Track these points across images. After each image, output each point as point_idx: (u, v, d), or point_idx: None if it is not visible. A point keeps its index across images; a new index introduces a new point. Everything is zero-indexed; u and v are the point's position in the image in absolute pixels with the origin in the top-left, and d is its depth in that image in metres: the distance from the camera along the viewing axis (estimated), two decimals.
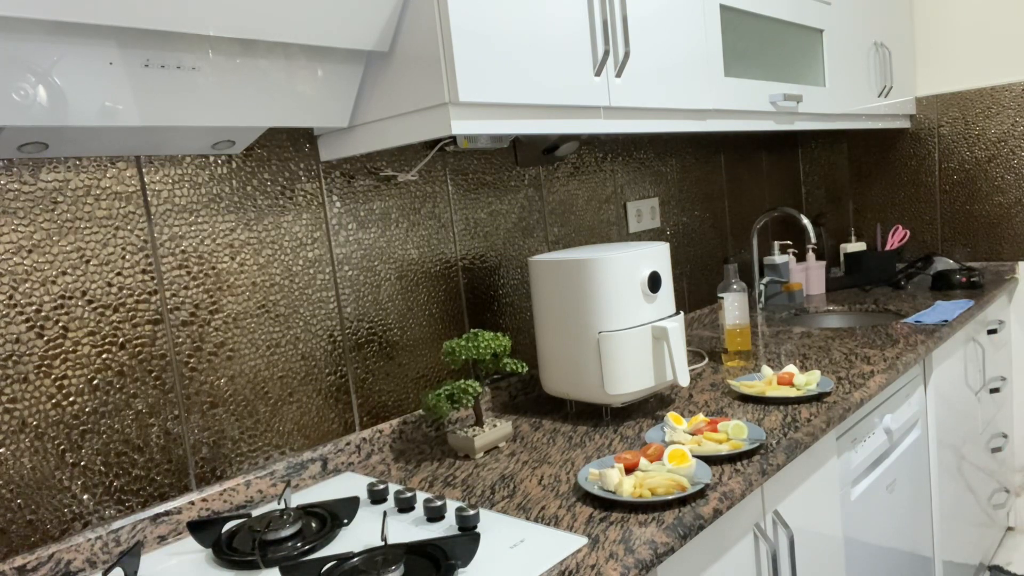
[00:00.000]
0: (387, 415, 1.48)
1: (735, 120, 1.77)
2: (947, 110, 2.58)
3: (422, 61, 1.13)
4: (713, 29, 1.67)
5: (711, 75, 1.66)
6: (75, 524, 1.07)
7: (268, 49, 1.08)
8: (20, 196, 1.03)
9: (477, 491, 1.20)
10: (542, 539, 1.00)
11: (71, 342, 1.07)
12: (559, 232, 1.87)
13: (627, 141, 2.09)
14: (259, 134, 1.23)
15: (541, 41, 1.24)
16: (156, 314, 1.16)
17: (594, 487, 1.11)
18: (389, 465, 1.38)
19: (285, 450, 1.32)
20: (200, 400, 1.21)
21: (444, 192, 1.59)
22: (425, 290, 1.55)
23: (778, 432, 1.31)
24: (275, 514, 1.11)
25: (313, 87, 1.16)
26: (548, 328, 1.52)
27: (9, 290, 1.02)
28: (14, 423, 1.02)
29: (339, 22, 1.09)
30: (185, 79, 1.01)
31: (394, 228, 1.49)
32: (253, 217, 1.28)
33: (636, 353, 1.44)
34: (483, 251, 1.67)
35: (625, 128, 1.45)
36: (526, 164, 1.77)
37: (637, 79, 1.44)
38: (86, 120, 0.94)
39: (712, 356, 1.93)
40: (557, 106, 1.30)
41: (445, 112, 1.12)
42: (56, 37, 0.87)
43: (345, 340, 1.41)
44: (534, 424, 1.52)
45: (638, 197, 2.13)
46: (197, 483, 1.20)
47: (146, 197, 1.15)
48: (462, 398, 1.34)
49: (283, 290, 1.32)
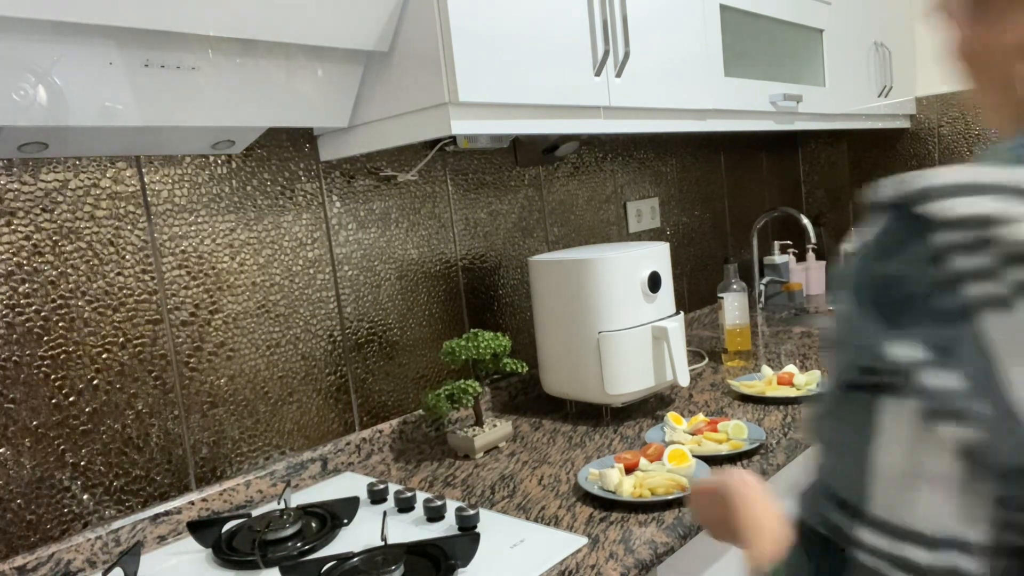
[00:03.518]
0: (387, 415, 1.48)
1: (735, 120, 1.77)
2: (947, 110, 2.58)
3: (422, 61, 1.13)
4: (713, 29, 1.67)
5: (711, 75, 1.66)
6: (75, 524, 1.07)
7: (268, 49, 1.08)
8: (20, 196, 1.03)
9: (477, 491, 1.20)
10: (542, 539, 1.00)
11: (71, 342, 1.07)
12: (559, 232, 1.87)
13: (627, 141, 2.09)
14: (259, 134, 1.23)
15: (541, 41, 1.24)
16: (156, 314, 1.16)
17: (594, 487, 1.11)
18: (389, 465, 1.38)
19: (285, 450, 1.32)
20: (200, 400, 1.21)
21: (444, 192, 1.59)
22: (425, 290, 1.55)
23: (778, 432, 1.31)
24: (275, 514, 1.11)
25: (313, 87, 1.16)
26: (548, 328, 1.52)
27: (9, 290, 1.02)
28: (14, 423, 1.02)
29: (339, 22, 1.09)
30: (185, 79, 1.01)
31: (394, 228, 1.49)
32: (253, 217, 1.28)
33: (636, 353, 1.44)
34: (483, 251, 1.67)
35: (625, 128, 1.45)
36: (526, 164, 1.77)
37: (637, 79, 1.44)
38: (86, 120, 0.94)
39: (712, 356, 1.93)
40: (557, 106, 1.30)
41: (445, 112, 1.12)
42: (56, 37, 0.87)
43: (345, 340, 1.41)
44: (534, 424, 1.52)
45: (638, 197, 2.13)
46: (197, 483, 1.20)
47: (146, 197, 1.15)
48: (462, 398, 1.34)
49: (283, 290, 1.32)
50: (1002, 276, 0.37)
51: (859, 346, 0.41)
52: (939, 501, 0.39)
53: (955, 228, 0.39)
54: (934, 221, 0.40)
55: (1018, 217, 0.37)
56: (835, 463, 0.44)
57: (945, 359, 0.38)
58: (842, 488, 0.43)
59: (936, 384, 0.38)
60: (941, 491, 0.39)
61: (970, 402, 0.38)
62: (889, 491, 0.41)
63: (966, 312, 0.38)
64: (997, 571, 0.39)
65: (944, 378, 0.38)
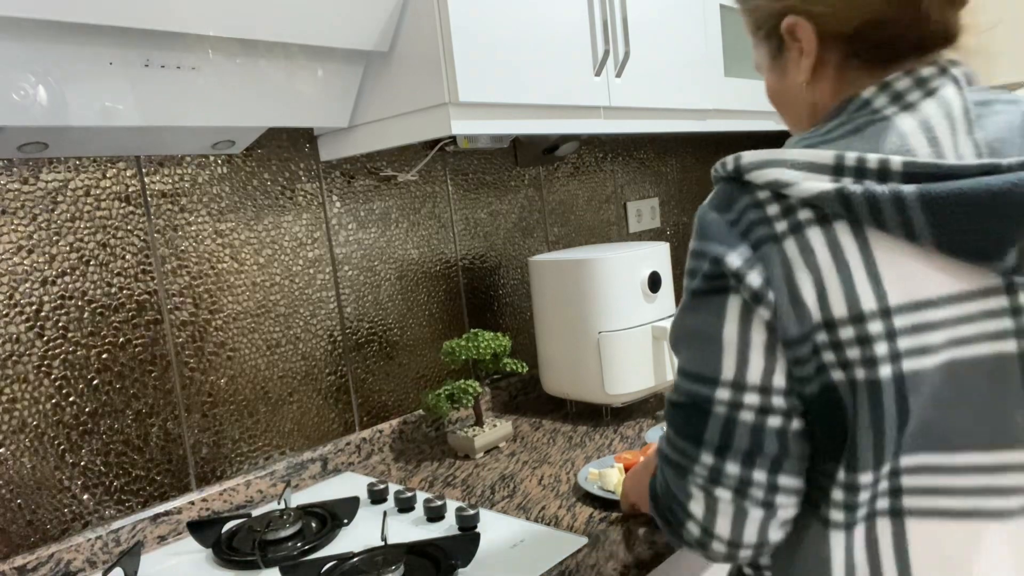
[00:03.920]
0: (387, 415, 1.48)
1: (735, 120, 1.77)
2: None
3: (422, 61, 1.13)
4: (713, 29, 1.67)
5: (711, 75, 1.66)
6: (75, 524, 1.07)
7: (268, 49, 1.08)
8: (20, 196, 1.03)
9: (477, 491, 1.20)
10: (542, 539, 1.00)
11: (71, 342, 1.07)
12: (559, 232, 1.87)
13: (627, 141, 2.09)
14: (259, 134, 1.23)
15: (541, 41, 1.24)
16: (156, 314, 1.16)
17: (594, 487, 1.11)
18: (389, 465, 1.38)
19: (285, 450, 1.32)
20: (200, 400, 1.21)
21: (444, 192, 1.59)
22: (425, 290, 1.55)
23: None
24: (275, 514, 1.11)
25: (313, 87, 1.16)
26: (548, 328, 1.52)
27: (9, 290, 1.02)
28: (14, 423, 1.02)
29: (339, 22, 1.09)
30: (185, 79, 1.01)
31: (394, 228, 1.49)
32: (253, 217, 1.28)
33: (636, 353, 1.44)
34: (483, 251, 1.67)
35: (625, 128, 1.45)
36: (526, 164, 1.77)
37: (637, 79, 1.44)
38: (86, 120, 0.94)
39: None
40: (557, 106, 1.30)
41: (445, 112, 1.12)
42: (56, 37, 0.87)
43: (345, 340, 1.41)
44: (534, 424, 1.52)
45: (638, 197, 2.13)
46: (197, 483, 1.20)
47: (146, 197, 1.15)
48: (462, 398, 1.34)
49: (283, 290, 1.32)
50: (793, 216, 0.60)
51: (711, 259, 0.62)
52: (760, 361, 0.62)
53: (763, 188, 0.62)
54: (751, 183, 0.63)
55: (798, 180, 0.60)
56: (694, 354, 0.65)
57: (760, 266, 0.60)
58: (702, 368, 0.64)
59: (754, 281, 0.60)
60: (762, 354, 0.61)
61: (773, 293, 0.60)
62: (731, 357, 0.62)
63: (775, 238, 0.60)
64: (796, 408, 0.62)
65: (758, 278, 0.60)
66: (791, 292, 0.59)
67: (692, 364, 0.65)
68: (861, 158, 0.59)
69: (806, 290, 0.59)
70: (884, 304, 0.58)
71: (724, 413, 0.63)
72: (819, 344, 0.59)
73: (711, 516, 0.64)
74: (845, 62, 0.68)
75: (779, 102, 0.78)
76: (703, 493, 0.64)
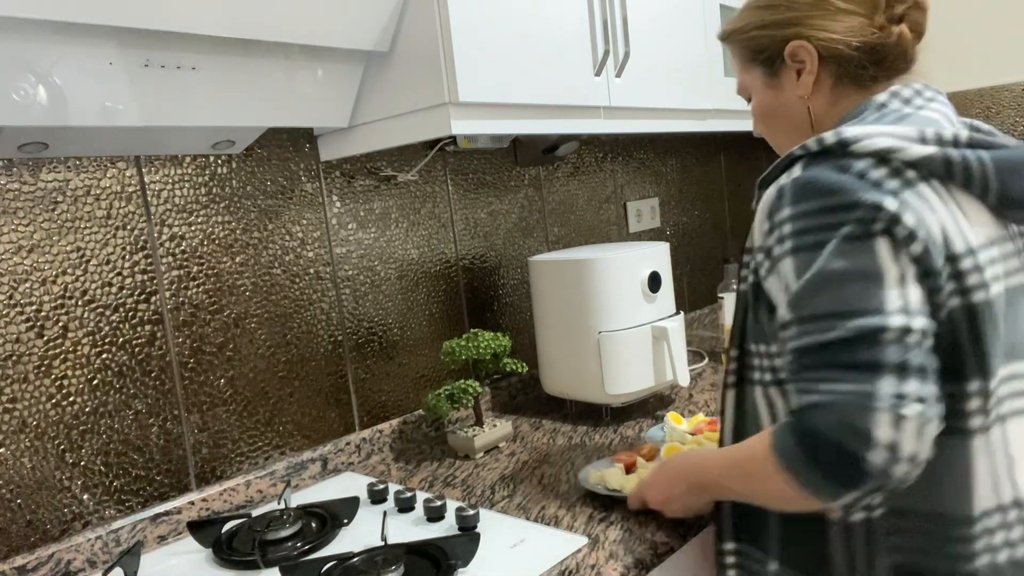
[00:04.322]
0: (387, 415, 1.48)
1: (735, 120, 1.77)
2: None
3: (422, 61, 1.13)
4: (713, 29, 1.67)
5: (711, 75, 1.66)
6: (75, 524, 1.08)
7: (268, 49, 1.08)
8: (20, 196, 1.03)
9: (477, 491, 1.20)
10: (542, 539, 1.00)
11: (71, 342, 1.07)
12: (559, 232, 1.87)
13: (627, 141, 2.09)
14: (259, 134, 1.23)
15: (541, 41, 1.24)
16: (156, 314, 1.16)
17: (596, 487, 1.11)
18: (389, 465, 1.38)
19: (285, 450, 1.32)
20: (200, 400, 1.21)
21: (444, 192, 1.59)
22: (425, 290, 1.55)
23: None
24: (275, 514, 1.11)
25: (313, 87, 1.16)
26: (548, 328, 1.52)
27: (9, 290, 1.02)
28: (14, 423, 1.02)
29: (339, 22, 1.09)
30: (185, 79, 1.01)
31: (394, 228, 1.49)
32: (253, 217, 1.28)
33: (636, 353, 1.44)
34: (483, 251, 1.67)
35: (625, 128, 1.45)
36: (526, 164, 1.77)
37: (637, 79, 1.44)
38: (86, 120, 0.94)
39: (712, 356, 1.93)
40: (557, 106, 1.30)
41: (445, 112, 1.12)
42: (56, 37, 0.87)
43: (345, 340, 1.41)
44: (534, 424, 1.52)
45: (638, 197, 2.13)
46: (197, 483, 1.20)
47: (146, 197, 1.15)
48: (462, 398, 1.34)
49: (283, 290, 1.32)
50: (902, 175, 0.75)
51: (867, 206, 0.72)
52: (916, 289, 0.72)
53: (866, 156, 0.75)
54: (855, 152, 0.76)
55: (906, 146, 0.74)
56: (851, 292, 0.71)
57: (908, 209, 0.72)
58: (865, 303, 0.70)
59: (909, 220, 0.72)
60: (916, 283, 0.72)
61: (923, 231, 0.72)
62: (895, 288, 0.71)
63: (905, 187, 0.74)
64: (931, 330, 0.72)
65: (912, 217, 0.72)
66: (930, 230, 0.72)
67: (851, 302, 0.71)
68: (938, 131, 0.76)
69: (935, 229, 0.72)
70: (974, 243, 0.75)
71: (897, 337, 0.69)
72: (948, 274, 0.73)
73: (900, 435, 0.67)
74: (838, 81, 0.85)
75: (775, 116, 0.91)
76: (889, 415, 0.68)
